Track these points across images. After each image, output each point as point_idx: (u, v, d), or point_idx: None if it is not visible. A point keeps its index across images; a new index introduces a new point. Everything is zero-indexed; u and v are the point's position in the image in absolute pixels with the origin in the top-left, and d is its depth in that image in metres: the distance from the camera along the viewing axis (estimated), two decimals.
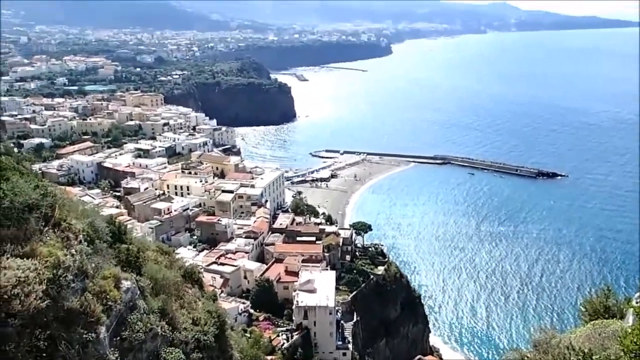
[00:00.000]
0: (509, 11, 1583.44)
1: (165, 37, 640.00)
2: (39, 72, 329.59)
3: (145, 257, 39.39)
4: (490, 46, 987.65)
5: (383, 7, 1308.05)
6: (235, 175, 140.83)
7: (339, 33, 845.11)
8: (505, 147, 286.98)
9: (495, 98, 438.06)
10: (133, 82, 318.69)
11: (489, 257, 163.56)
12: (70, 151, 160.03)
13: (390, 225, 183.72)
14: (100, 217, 38.20)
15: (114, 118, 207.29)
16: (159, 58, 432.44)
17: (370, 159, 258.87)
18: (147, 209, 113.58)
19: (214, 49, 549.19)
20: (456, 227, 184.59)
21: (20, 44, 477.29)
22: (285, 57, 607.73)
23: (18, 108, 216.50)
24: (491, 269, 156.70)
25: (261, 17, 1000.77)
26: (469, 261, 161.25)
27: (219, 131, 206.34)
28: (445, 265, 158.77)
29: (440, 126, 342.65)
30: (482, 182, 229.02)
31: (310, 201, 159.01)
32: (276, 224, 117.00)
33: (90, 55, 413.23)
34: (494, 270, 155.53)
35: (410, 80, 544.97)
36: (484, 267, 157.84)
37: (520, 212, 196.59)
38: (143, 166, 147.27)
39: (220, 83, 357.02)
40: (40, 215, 27.30)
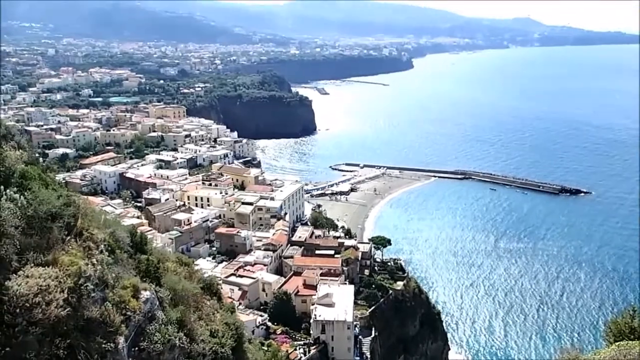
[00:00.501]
0: (532, 26, 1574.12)
1: (188, 50, 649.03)
2: (65, 84, 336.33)
3: (164, 267, 39.61)
4: (512, 61, 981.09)
5: (405, 22, 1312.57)
6: (255, 188, 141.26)
7: (361, 47, 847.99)
8: (527, 162, 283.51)
9: (517, 113, 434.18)
10: (156, 94, 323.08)
11: (507, 274, 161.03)
12: (94, 161, 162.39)
13: (409, 240, 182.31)
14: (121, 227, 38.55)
15: (136, 129, 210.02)
16: (182, 71, 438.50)
17: (390, 173, 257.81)
18: (167, 220, 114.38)
19: (237, 62, 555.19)
20: (475, 242, 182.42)
21: (48, 56, 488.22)
22: (306, 71, 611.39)
23: (44, 118, 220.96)
24: (510, 286, 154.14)
25: (283, 31, 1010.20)
26: (487, 278, 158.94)
27: (239, 143, 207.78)
28: (463, 282, 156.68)
29: (461, 141, 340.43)
30: (503, 198, 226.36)
31: (329, 214, 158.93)
32: (295, 236, 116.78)
33: (115, 67, 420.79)
34: (512, 288, 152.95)
35: (431, 94, 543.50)
36: (503, 284, 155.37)
37: (540, 228, 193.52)
38: (164, 177, 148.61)
39: (241, 96, 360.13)
40: (63, 224, 27.62)
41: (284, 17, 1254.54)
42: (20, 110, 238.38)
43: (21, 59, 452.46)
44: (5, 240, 23.11)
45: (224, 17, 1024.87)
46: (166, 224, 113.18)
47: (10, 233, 23.50)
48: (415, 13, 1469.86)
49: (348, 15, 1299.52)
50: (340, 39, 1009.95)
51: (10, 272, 22.76)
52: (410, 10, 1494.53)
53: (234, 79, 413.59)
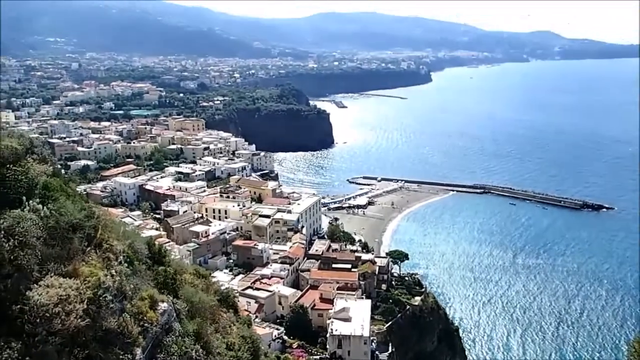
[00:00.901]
0: (553, 39, 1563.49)
1: (208, 64, 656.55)
2: (87, 97, 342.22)
3: (182, 279, 39.82)
4: (532, 75, 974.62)
5: (423, 35, 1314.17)
6: (272, 200, 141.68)
7: (379, 61, 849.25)
8: (546, 176, 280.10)
9: (536, 126, 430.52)
10: (176, 107, 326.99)
11: (525, 290, 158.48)
12: (114, 173, 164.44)
13: (426, 254, 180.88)
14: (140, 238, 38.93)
15: (156, 142, 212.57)
16: (201, 84, 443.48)
17: (408, 186, 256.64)
18: (185, 232, 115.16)
19: (255, 75, 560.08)
20: (493, 258, 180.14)
21: (72, 70, 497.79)
22: (324, 84, 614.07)
23: (67, 131, 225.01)
24: (528, 302, 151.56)
25: (302, 45, 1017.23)
26: (505, 294, 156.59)
27: (257, 156, 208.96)
28: (480, 297, 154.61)
29: (479, 154, 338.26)
30: (523, 213, 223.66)
31: (346, 228, 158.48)
32: (312, 250, 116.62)
33: (137, 81, 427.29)
34: (530, 304, 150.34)
35: (450, 108, 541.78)
36: (521, 300, 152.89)
37: (560, 244, 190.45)
38: (183, 189, 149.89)
39: (260, 109, 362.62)
40: (84, 235, 28.02)
41: (303, 31, 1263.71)
42: (44, 123, 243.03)
43: (46, 73, 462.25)
44: (27, 250, 23.49)
45: (243, 31, 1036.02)
46: (184, 236, 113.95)
47: (32, 243, 23.89)
48: (433, 26, 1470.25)
49: (366, 29, 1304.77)
50: (358, 52, 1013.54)
51: (31, 282, 23.11)
52: (429, 24, 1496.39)
53: (252, 92, 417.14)
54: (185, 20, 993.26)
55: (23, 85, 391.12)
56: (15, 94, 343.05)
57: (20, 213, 24.87)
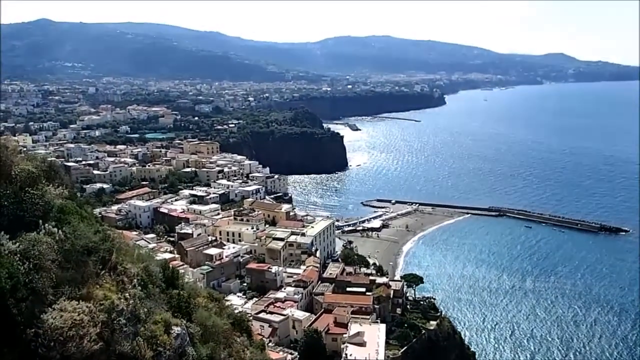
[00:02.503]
0: (566, 62, 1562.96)
1: (223, 87, 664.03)
2: (104, 121, 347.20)
3: (195, 303, 39.59)
4: (546, 97, 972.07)
5: (436, 59, 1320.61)
6: (286, 223, 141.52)
7: (392, 84, 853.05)
8: (562, 198, 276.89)
9: (551, 148, 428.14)
10: (191, 131, 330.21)
11: (544, 314, 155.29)
12: (129, 196, 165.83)
13: (441, 277, 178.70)
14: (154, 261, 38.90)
15: (171, 165, 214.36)
16: (216, 108, 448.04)
17: (422, 209, 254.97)
18: (199, 255, 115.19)
19: (269, 99, 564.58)
20: (509, 282, 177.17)
21: (89, 94, 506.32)
22: (338, 107, 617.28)
23: (83, 154, 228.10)
24: (546, 327, 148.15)
25: (316, 69, 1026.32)
26: (523, 318, 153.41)
27: (271, 179, 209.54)
28: (497, 322, 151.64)
29: (495, 176, 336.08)
30: (539, 236, 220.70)
31: (360, 251, 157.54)
32: (326, 273, 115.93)
33: (152, 104, 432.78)
34: (549, 329, 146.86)
35: (464, 130, 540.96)
36: (538, 325, 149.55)
37: (578, 268, 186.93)
38: (197, 212, 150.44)
39: (274, 132, 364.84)
40: (98, 258, 28.04)
41: (317, 55, 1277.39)
42: (61, 147, 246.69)
43: (63, 97, 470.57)
44: (42, 273, 23.52)
45: (258, 55, 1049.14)
46: (198, 259, 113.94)
47: (47, 267, 23.92)
48: (446, 50, 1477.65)
49: (380, 53, 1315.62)
50: (372, 75, 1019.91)
51: (45, 305, 23.08)
52: (442, 47, 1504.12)
53: (266, 115, 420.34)
54: (201, 44, 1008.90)
55: (41, 110, 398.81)
56: (33, 118, 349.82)
57: (36, 236, 24.99)
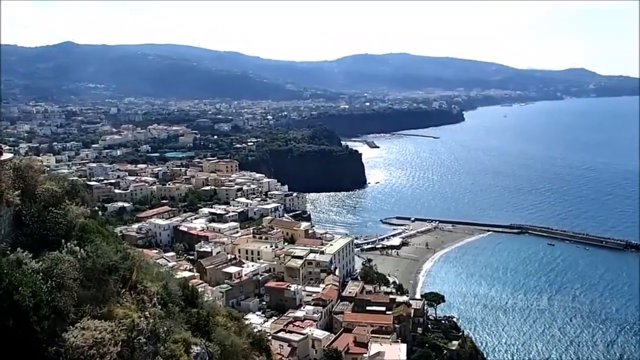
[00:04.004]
0: (587, 77, 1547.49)
1: (242, 106, 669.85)
2: (125, 140, 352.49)
3: (215, 322, 39.58)
4: (566, 112, 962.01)
5: (454, 75, 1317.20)
6: (305, 241, 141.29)
7: (410, 101, 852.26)
8: (583, 215, 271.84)
9: (571, 164, 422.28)
10: (210, 149, 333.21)
11: (562, 333, 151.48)
12: (149, 215, 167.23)
13: (463, 296, 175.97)
14: (174, 280, 39.07)
15: (191, 183, 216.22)
16: (235, 126, 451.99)
17: (442, 227, 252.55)
18: (218, 273, 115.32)
19: (288, 117, 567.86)
20: (532, 300, 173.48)
21: (111, 114, 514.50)
22: (356, 125, 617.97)
23: (104, 173, 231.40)
24: (564, 347, 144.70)
25: (333, 87, 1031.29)
26: (540, 337, 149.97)
27: (290, 197, 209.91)
28: (516, 340, 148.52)
29: (515, 193, 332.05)
30: (562, 254, 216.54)
31: (380, 269, 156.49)
32: (345, 292, 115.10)
33: (172, 124, 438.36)
34: (567, 349, 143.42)
35: (483, 146, 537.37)
36: (557, 344, 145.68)
37: (598, 286, 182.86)
38: (216, 230, 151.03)
39: (292, 150, 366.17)
40: (119, 277, 28.26)
41: (334, 73, 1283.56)
42: (83, 166, 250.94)
43: (86, 118, 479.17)
44: (64, 292, 23.75)
45: (276, 74, 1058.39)
46: (217, 277, 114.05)
47: (69, 285, 24.18)
48: (464, 66, 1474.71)
49: (397, 70, 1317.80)
50: (390, 92, 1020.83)
51: (67, 323, 23.26)
52: (459, 64, 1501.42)
53: (285, 133, 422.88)
54: (220, 64, 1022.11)
55: (64, 130, 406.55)
56: (57, 139, 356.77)
57: (59, 255, 25.32)
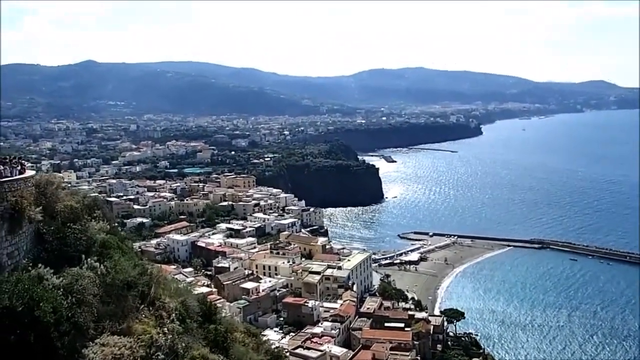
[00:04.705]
0: (607, 89, 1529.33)
1: (259, 122, 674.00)
2: (144, 157, 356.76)
3: (233, 338, 39.46)
4: (586, 125, 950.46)
5: (471, 89, 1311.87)
6: (322, 257, 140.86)
7: (427, 115, 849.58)
8: (605, 229, 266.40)
9: (592, 178, 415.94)
10: (228, 165, 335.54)
11: (582, 351, 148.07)
12: (168, 230, 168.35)
13: (482, 312, 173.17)
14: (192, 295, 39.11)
15: (208, 199, 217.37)
16: (252, 142, 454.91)
17: (461, 241, 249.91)
18: (236, 289, 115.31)
19: (305, 132, 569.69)
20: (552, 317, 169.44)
21: (130, 131, 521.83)
22: (373, 139, 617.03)
23: (124, 189, 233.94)
24: None
25: (350, 101, 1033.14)
26: (560, 354, 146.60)
27: (307, 212, 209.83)
28: (535, 357, 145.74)
29: (535, 207, 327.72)
30: (584, 269, 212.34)
31: (398, 285, 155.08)
32: (363, 308, 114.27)
33: (190, 140, 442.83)
34: None
35: (502, 160, 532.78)
36: None
37: (619, 302, 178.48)
38: (234, 246, 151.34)
39: (309, 165, 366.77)
40: (138, 293, 28.38)
41: (351, 88, 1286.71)
42: (103, 182, 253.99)
43: (106, 135, 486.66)
44: (84, 308, 23.89)
45: (293, 89, 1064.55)
46: (235, 293, 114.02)
47: (89, 301, 24.32)
48: (481, 79, 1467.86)
49: (413, 84, 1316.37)
50: (406, 107, 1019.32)
51: (87, 339, 23.36)
52: (476, 77, 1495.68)
53: (302, 148, 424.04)
54: (237, 80, 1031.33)
55: (85, 147, 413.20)
56: (77, 155, 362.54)
57: (79, 271, 25.53)
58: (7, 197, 25.08)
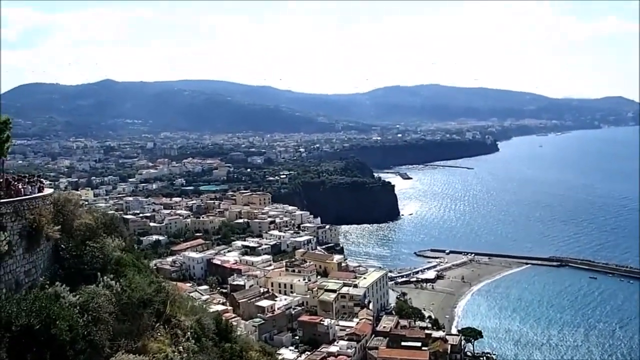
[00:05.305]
0: (625, 105, 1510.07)
1: (274, 139, 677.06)
2: (161, 174, 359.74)
3: (248, 357, 39.18)
4: (605, 141, 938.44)
5: (487, 105, 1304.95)
6: (338, 274, 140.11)
7: (443, 131, 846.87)
8: (623, 246, 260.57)
9: (609, 194, 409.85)
10: (243, 182, 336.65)
11: None
12: (183, 248, 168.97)
13: (500, 332, 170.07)
14: (207, 314, 38.98)
15: (224, 216, 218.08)
16: (268, 159, 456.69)
17: (478, 259, 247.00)
18: (251, 307, 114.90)
19: (320, 149, 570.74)
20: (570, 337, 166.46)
21: (147, 149, 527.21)
22: (388, 156, 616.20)
23: (140, 207, 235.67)
24: None
25: (365, 119, 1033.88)
26: None
27: (322, 229, 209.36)
28: None
29: (553, 224, 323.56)
30: (602, 287, 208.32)
31: (415, 303, 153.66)
32: (380, 326, 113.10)
33: (206, 157, 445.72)
34: None
35: (519, 177, 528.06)
36: None
37: (636, 320, 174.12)
38: (249, 263, 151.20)
39: (324, 182, 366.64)
40: (153, 310, 28.33)
41: (366, 105, 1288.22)
42: (120, 200, 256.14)
43: (123, 153, 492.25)
44: (100, 326, 23.87)
45: (308, 107, 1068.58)
46: (250, 311, 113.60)
47: (105, 319, 24.31)
48: (497, 96, 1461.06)
49: (429, 101, 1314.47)
50: (422, 124, 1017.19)
51: (102, 358, 23.30)
52: (492, 94, 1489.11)
53: (317, 165, 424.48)
54: (253, 98, 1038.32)
55: (102, 165, 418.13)
56: (95, 173, 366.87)
57: (95, 289, 25.58)
58: (26, 215, 25.29)
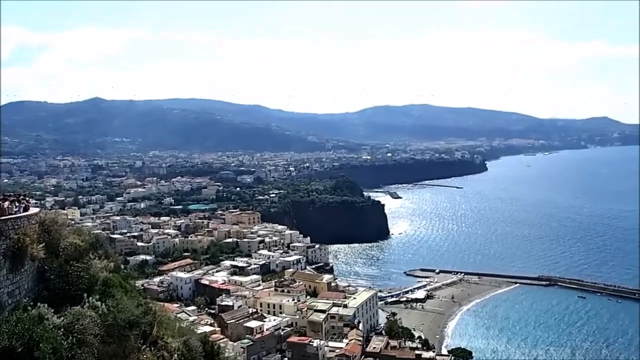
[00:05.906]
0: (610, 125, 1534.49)
1: (264, 158, 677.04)
2: (149, 193, 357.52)
3: None
4: (591, 161, 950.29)
5: (476, 125, 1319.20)
6: (327, 294, 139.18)
7: (432, 151, 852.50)
8: (610, 265, 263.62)
9: (596, 213, 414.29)
10: (233, 201, 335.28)
11: None
12: (171, 268, 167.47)
13: (490, 352, 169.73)
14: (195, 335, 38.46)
15: (213, 235, 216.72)
16: (257, 178, 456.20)
17: (468, 278, 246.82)
18: (239, 328, 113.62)
19: (310, 168, 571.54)
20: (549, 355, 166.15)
21: (135, 167, 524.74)
22: (378, 176, 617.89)
23: (128, 226, 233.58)
24: None
25: (355, 138, 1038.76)
26: None
27: (312, 249, 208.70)
28: None
29: (542, 243, 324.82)
30: (592, 307, 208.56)
31: (405, 323, 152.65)
32: (369, 347, 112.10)
33: (196, 176, 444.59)
34: None
35: (507, 196, 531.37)
36: None
37: (623, 340, 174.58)
38: (238, 283, 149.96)
39: (314, 201, 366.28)
40: (140, 332, 27.87)
41: (356, 125, 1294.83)
42: (107, 219, 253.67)
43: (111, 171, 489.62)
44: (85, 348, 23.41)
45: (298, 126, 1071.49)
46: (238, 332, 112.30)
47: (89, 341, 23.84)
48: (485, 116, 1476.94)
49: (418, 120, 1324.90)
50: (411, 143, 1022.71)
51: None
52: (481, 114, 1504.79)
53: (307, 184, 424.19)
54: (243, 117, 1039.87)
55: (90, 183, 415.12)
56: (82, 192, 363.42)
57: (80, 310, 25.13)
58: (10, 235, 24.89)
